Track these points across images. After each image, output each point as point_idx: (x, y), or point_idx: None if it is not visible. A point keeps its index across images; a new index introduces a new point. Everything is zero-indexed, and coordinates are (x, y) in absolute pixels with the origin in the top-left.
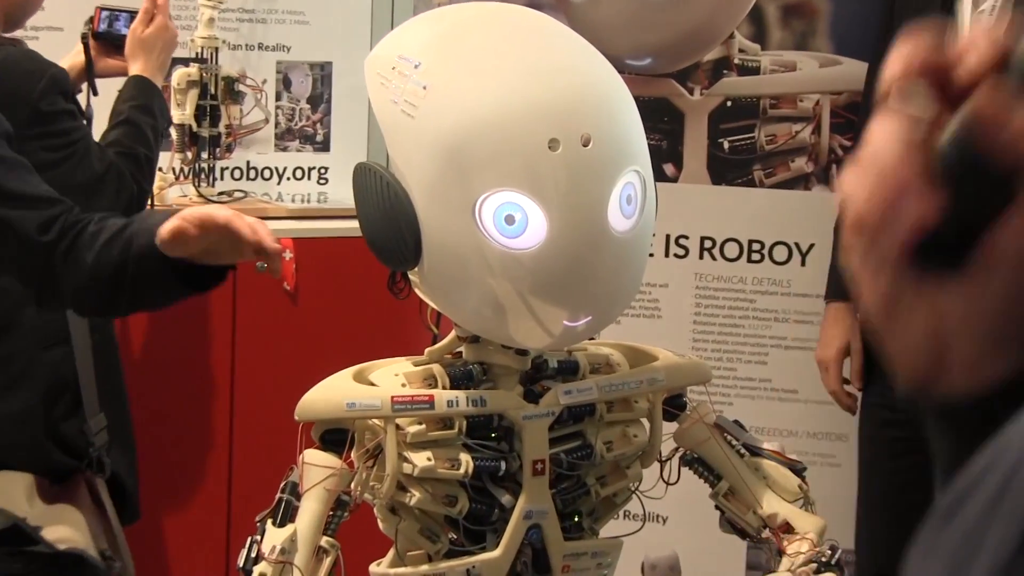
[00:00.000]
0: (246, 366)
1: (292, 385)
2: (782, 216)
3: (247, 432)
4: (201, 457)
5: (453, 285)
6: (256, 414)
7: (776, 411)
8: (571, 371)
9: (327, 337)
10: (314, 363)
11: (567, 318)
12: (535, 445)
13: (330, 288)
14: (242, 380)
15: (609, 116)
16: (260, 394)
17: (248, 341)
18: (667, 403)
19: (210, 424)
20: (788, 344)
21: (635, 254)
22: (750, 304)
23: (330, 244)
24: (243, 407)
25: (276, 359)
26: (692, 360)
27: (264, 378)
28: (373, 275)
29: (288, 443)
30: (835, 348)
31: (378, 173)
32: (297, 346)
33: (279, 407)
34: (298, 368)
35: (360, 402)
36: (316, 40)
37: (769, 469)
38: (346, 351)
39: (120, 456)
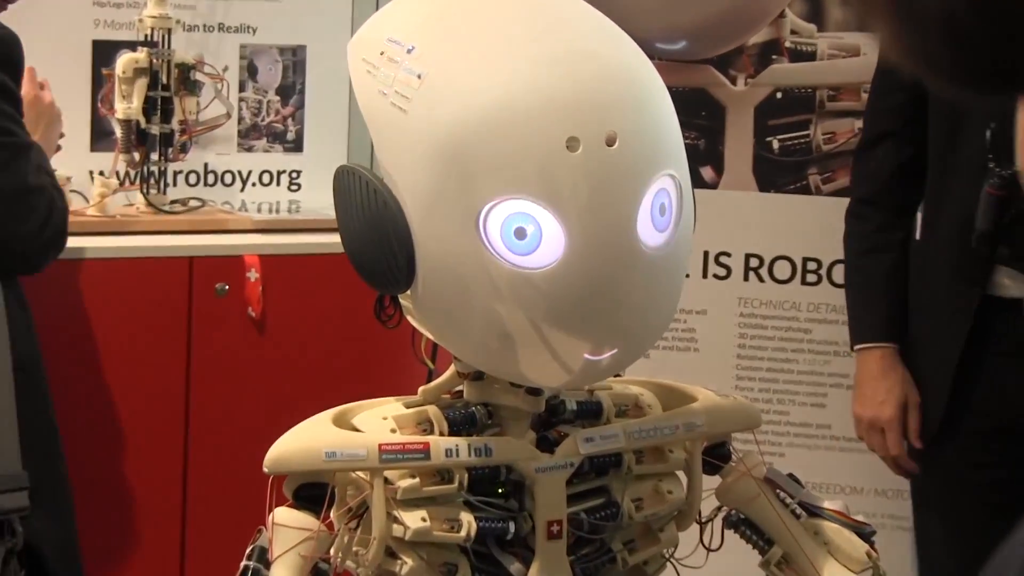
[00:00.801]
0: (203, 409)
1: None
2: (843, 229)
3: (204, 487)
4: (150, 518)
5: (453, 311)
6: (215, 466)
7: (837, 463)
8: (593, 414)
9: (301, 374)
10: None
11: (588, 351)
12: (550, 503)
13: (304, 315)
14: (198, 425)
15: (638, 110)
16: (220, 442)
17: (206, 379)
18: (708, 453)
19: (160, 478)
20: (850, 383)
21: (669, 274)
22: (805, 335)
23: (304, 263)
24: (200, 457)
25: (239, 400)
26: (737, 401)
27: (225, 423)
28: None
29: (254, 500)
30: (894, 405)
31: (363, 178)
32: (265, 385)
33: (243, 458)
34: (266, 411)
35: (341, 451)
36: (287, 20)
37: (831, 533)
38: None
39: (44, 523)
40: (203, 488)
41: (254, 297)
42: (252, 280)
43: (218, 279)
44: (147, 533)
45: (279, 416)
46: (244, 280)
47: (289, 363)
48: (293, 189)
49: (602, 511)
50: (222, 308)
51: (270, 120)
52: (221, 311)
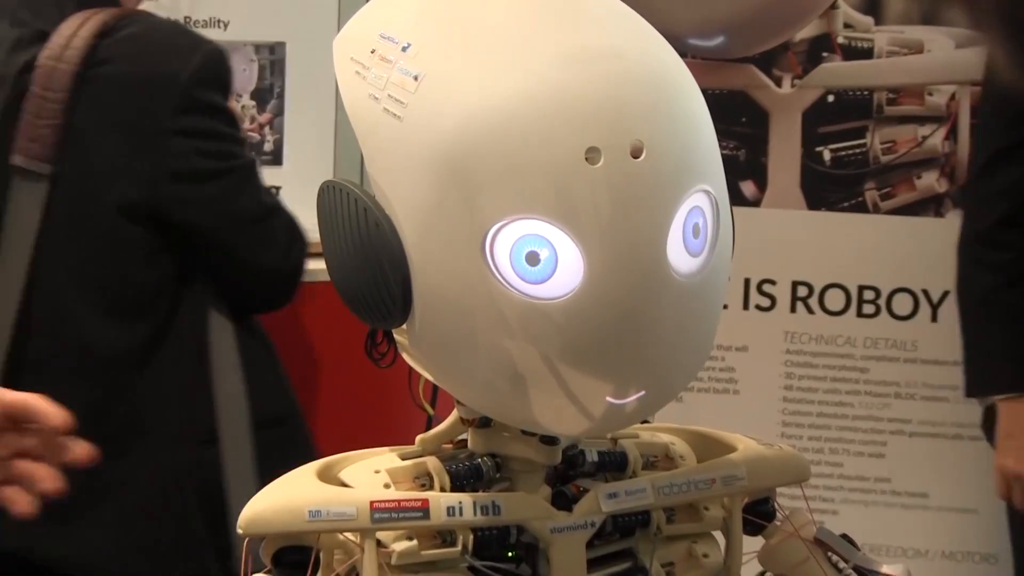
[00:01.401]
0: None
1: None
2: (905, 253)
3: None
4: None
5: (455, 348)
6: None
7: (899, 522)
8: (617, 466)
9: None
10: None
11: (612, 393)
12: (568, 569)
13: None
14: None
15: (669, 116)
16: None
17: None
18: (749, 511)
19: None
20: (913, 430)
21: (704, 305)
22: (861, 374)
23: None
24: None
25: None
26: (783, 451)
27: None
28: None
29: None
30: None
31: (352, 195)
32: None
33: None
34: None
35: (327, 509)
36: (264, 13)
37: None
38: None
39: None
40: None
41: None
42: None
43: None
44: None
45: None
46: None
47: None
48: None
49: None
50: None
51: (245, 129)
52: None
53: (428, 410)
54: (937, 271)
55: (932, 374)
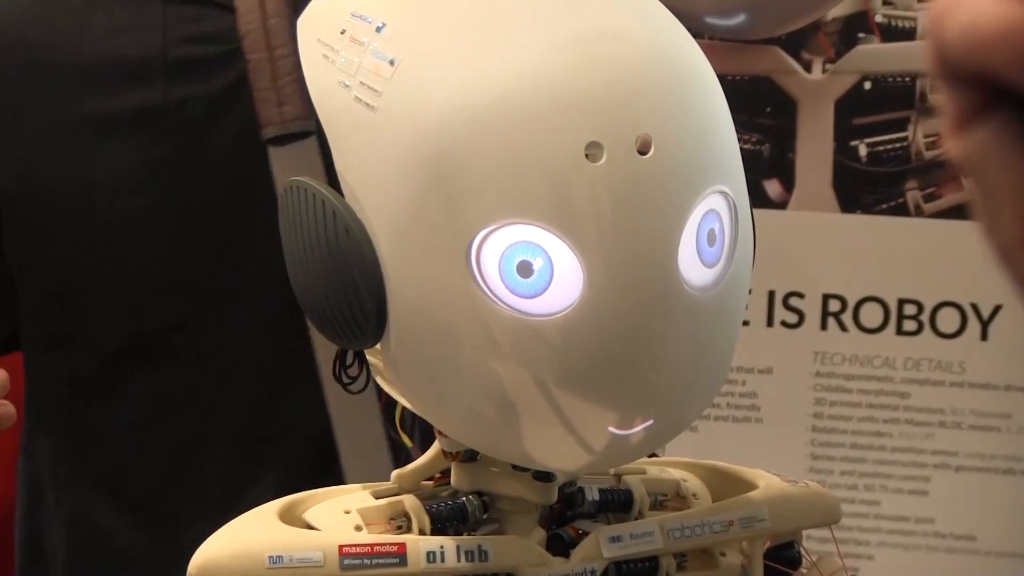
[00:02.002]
0: None
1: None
2: (951, 262)
3: None
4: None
5: (436, 372)
6: None
7: (943, 567)
8: (621, 506)
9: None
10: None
11: (615, 423)
12: None
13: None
14: None
15: (681, 107)
16: None
17: None
18: (771, 557)
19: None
20: (960, 464)
21: (721, 323)
22: (901, 400)
23: None
24: None
25: None
26: (810, 489)
27: None
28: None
29: None
30: None
31: (318, 196)
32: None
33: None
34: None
35: (290, 555)
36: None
37: None
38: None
39: None
40: None
41: None
42: None
43: None
44: None
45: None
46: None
47: None
48: None
49: None
50: None
51: None
52: None
53: (406, 441)
54: (988, 282)
55: (982, 400)
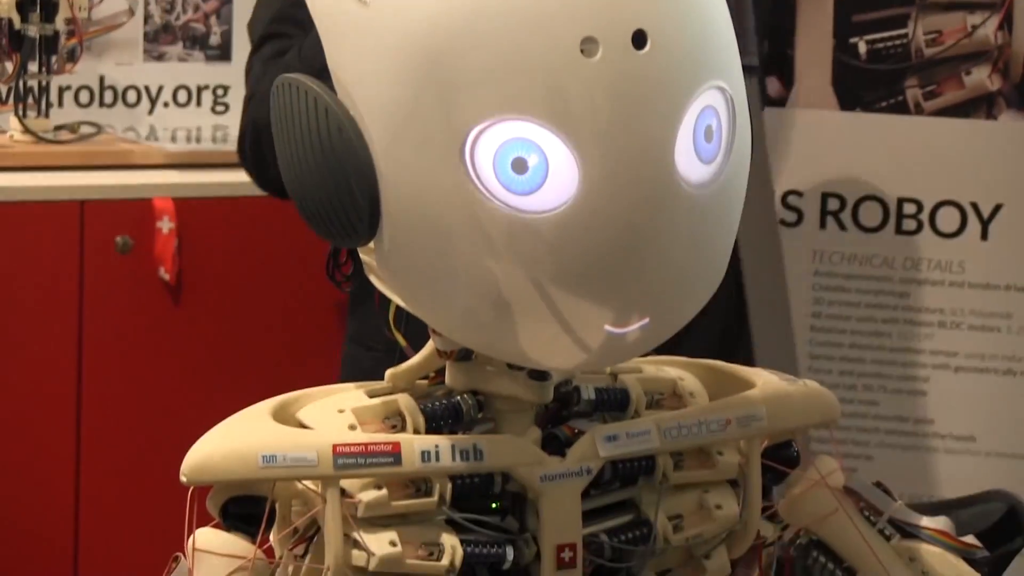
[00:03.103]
0: (99, 399)
1: (173, 428)
2: (951, 160)
3: (102, 498)
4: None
5: (430, 271)
6: (116, 473)
7: (942, 468)
8: (617, 405)
9: (228, 354)
10: (208, 395)
11: (611, 321)
12: (560, 522)
13: (233, 277)
14: (93, 420)
15: (677, 3)
16: (122, 442)
17: (102, 361)
18: (769, 456)
19: (49, 487)
20: (960, 364)
21: (718, 220)
22: (900, 300)
23: (233, 208)
24: (96, 461)
25: (147, 388)
26: (808, 388)
27: (129, 417)
28: (303, 255)
29: (164, 516)
30: None
31: (311, 94)
32: (181, 368)
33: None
34: (183, 402)
35: (284, 455)
36: None
37: (931, 559)
38: (258, 375)
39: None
40: (100, 500)
41: (167, 254)
42: (164, 232)
43: (119, 230)
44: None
45: (199, 409)
46: (154, 232)
47: (212, 340)
48: (219, 111)
49: (629, 532)
50: (124, 268)
51: (186, 19)
52: (123, 272)
53: (400, 340)
54: (988, 181)
55: (982, 300)
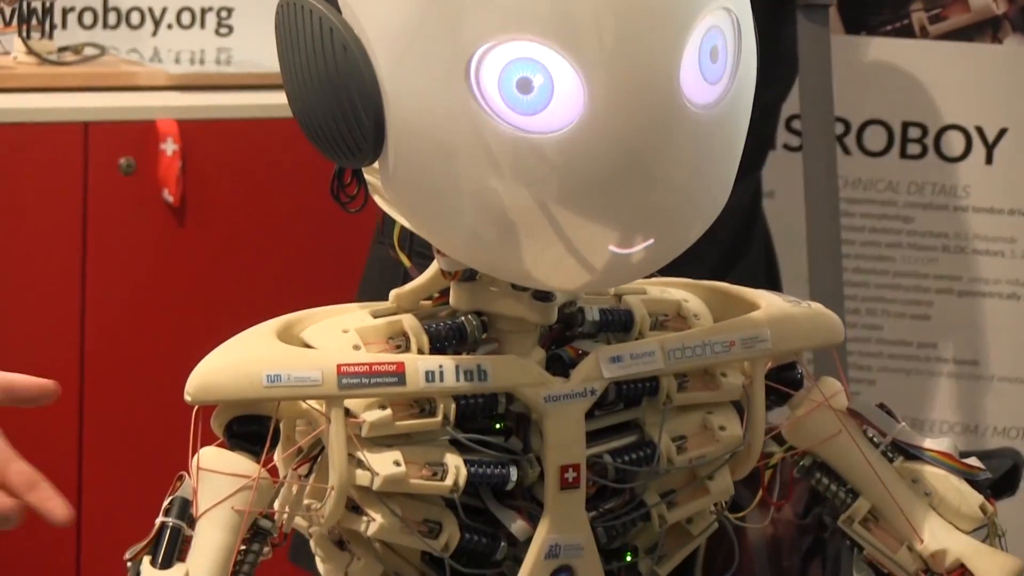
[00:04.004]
0: (102, 323)
1: (177, 351)
2: (956, 84)
3: (105, 419)
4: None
5: (435, 191)
6: (120, 394)
7: (945, 393)
8: (621, 327)
9: (232, 277)
10: (212, 317)
11: (615, 242)
12: (564, 442)
13: (237, 199)
14: (97, 344)
15: None
16: (125, 364)
17: (106, 284)
18: (772, 377)
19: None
20: (963, 288)
21: (723, 142)
22: (904, 224)
23: (237, 130)
24: (100, 384)
25: (150, 312)
26: (812, 309)
27: (133, 340)
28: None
29: (169, 437)
30: None
31: (315, 13)
32: (185, 291)
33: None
34: (186, 325)
35: (288, 374)
36: None
37: (934, 481)
38: (263, 298)
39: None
40: (104, 420)
41: (171, 176)
42: (168, 154)
43: (123, 152)
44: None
45: (203, 332)
46: (157, 154)
47: (217, 263)
48: (222, 33)
49: (632, 453)
50: (128, 190)
51: None
52: (126, 194)
53: (404, 261)
54: (993, 105)
55: (986, 224)
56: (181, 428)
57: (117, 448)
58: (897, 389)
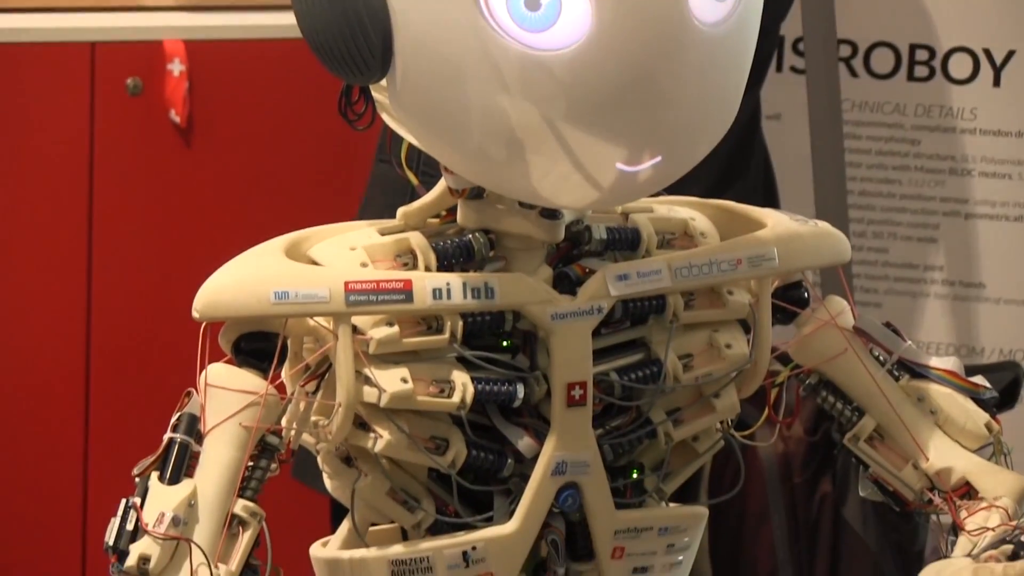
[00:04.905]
0: (109, 243)
1: (183, 270)
2: (964, 6)
3: (112, 338)
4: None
5: (442, 108)
6: (127, 312)
7: (951, 315)
8: (628, 245)
9: (240, 197)
10: (219, 238)
11: (623, 160)
12: (571, 360)
13: (245, 119)
14: (104, 263)
15: None
16: (132, 283)
17: (112, 205)
18: (779, 296)
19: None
20: (970, 211)
21: (731, 61)
22: (912, 147)
23: (245, 50)
24: (106, 302)
25: (157, 231)
26: (820, 228)
27: (139, 260)
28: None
29: (177, 356)
30: None
31: None
32: (192, 211)
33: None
34: (193, 246)
35: (296, 291)
36: None
37: (939, 399)
38: (271, 219)
39: None
40: (111, 339)
41: (177, 96)
42: (175, 74)
43: (129, 72)
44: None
45: (209, 253)
46: (164, 74)
47: (224, 183)
48: None
49: (639, 370)
50: (135, 110)
51: None
52: (133, 114)
53: (411, 179)
54: (1002, 26)
55: (993, 147)
56: (189, 346)
57: (125, 366)
58: (903, 311)
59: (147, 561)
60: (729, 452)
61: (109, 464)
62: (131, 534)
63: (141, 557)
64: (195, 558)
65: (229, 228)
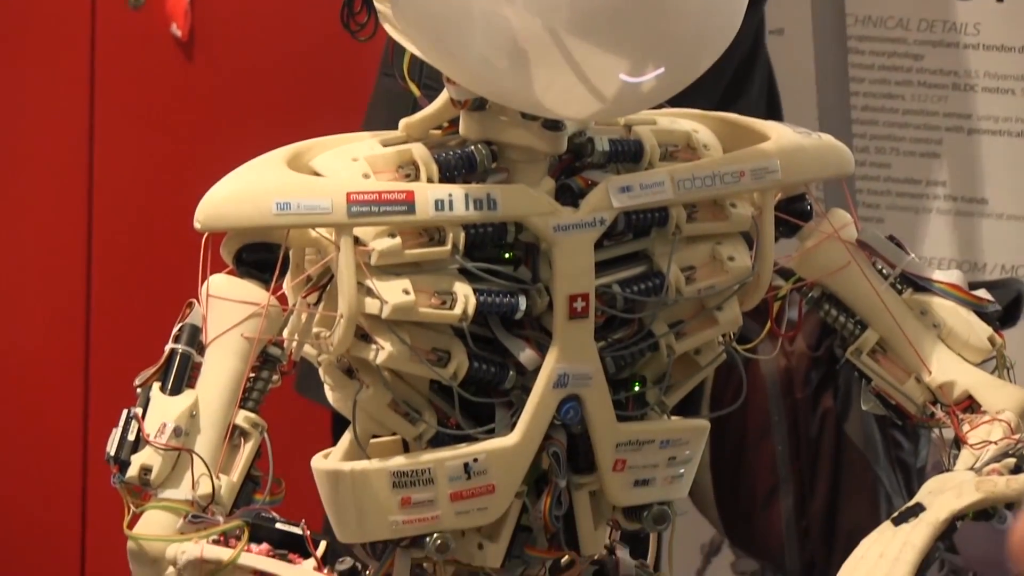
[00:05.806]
0: (110, 158)
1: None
2: None
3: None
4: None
5: (445, 18)
6: (128, 231)
7: (953, 231)
8: (631, 156)
9: (243, 111)
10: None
11: (625, 70)
12: (573, 272)
13: (247, 32)
14: (106, 178)
15: None
16: (134, 200)
17: (115, 120)
18: (782, 208)
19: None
20: (973, 126)
21: None
22: (914, 62)
23: None
24: (108, 221)
25: (159, 146)
26: (823, 141)
27: (141, 175)
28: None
29: (179, 270)
30: None
31: None
32: (194, 127)
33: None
34: (195, 162)
35: (298, 202)
36: None
37: (942, 312)
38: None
39: None
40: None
41: (179, 10)
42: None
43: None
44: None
45: (211, 168)
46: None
47: (227, 98)
48: None
49: (641, 283)
50: (136, 24)
51: None
52: (134, 28)
53: (413, 90)
54: None
55: (997, 62)
56: (191, 258)
57: (127, 277)
58: (905, 227)
59: (148, 471)
60: (731, 366)
61: (111, 385)
62: (132, 444)
63: (142, 467)
64: (196, 468)
65: (231, 142)
